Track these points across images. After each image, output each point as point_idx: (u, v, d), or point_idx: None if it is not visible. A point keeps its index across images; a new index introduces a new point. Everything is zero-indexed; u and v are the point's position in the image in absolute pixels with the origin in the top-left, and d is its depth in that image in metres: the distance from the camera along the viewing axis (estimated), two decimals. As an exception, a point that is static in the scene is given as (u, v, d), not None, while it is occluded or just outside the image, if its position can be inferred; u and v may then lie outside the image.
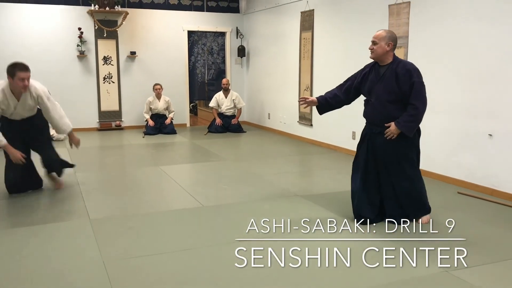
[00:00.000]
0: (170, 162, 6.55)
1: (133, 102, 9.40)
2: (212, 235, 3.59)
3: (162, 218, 4.02)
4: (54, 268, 3.00)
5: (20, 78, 4.23)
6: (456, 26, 4.98)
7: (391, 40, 3.60)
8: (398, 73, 3.55)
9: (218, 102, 9.16)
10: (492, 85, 4.61)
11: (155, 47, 9.49)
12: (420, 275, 2.84)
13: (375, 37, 3.63)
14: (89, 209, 4.21)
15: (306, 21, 7.70)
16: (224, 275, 2.91)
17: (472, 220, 3.92)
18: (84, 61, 9.07)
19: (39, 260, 3.14)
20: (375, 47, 3.63)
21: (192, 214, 4.13)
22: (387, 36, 3.60)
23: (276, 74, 8.93)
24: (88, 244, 3.38)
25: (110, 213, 4.21)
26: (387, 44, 3.59)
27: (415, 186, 3.69)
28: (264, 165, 6.17)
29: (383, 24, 5.94)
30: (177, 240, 3.48)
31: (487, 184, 4.70)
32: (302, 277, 2.81)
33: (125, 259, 3.13)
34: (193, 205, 4.38)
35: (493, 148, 4.64)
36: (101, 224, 3.83)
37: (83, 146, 7.53)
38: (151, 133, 8.67)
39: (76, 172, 5.62)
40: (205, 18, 9.86)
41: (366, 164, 3.74)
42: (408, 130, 3.53)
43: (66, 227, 3.77)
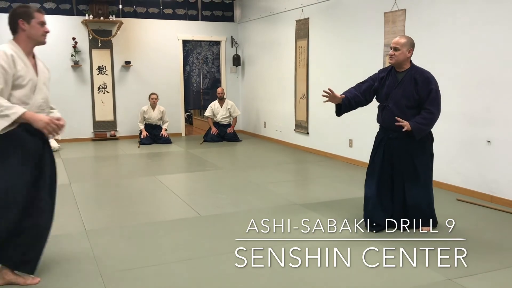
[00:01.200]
0: (166, 171, 6.49)
1: (128, 112, 9.35)
2: (210, 245, 3.53)
3: (159, 228, 3.97)
4: (51, 281, 2.94)
5: (40, 22, 2.97)
6: (452, 32, 4.99)
7: (412, 46, 3.66)
8: (417, 79, 3.60)
9: (214, 111, 9.13)
10: (490, 91, 4.61)
11: (150, 56, 9.47)
12: (422, 283, 2.80)
13: (396, 44, 3.63)
14: (84, 220, 4.15)
15: (302, 29, 7.71)
16: (224, 285, 2.86)
17: (472, 227, 3.89)
18: (79, 71, 9.03)
19: (36, 272, 3.07)
20: (396, 53, 3.63)
21: (189, 224, 4.08)
22: (409, 42, 3.64)
23: (271, 82, 8.92)
24: (85, 256, 3.32)
25: (106, 224, 4.15)
26: (408, 51, 3.63)
27: (426, 196, 3.70)
28: (261, 174, 6.13)
29: (378, 31, 5.95)
30: (175, 251, 3.43)
31: (486, 190, 4.68)
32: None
33: (123, 271, 3.07)
34: (191, 215, 4.33)
35: (491, 155, 4.63)
36: (98, 236, 3.76)
37: (78, 156, 7.52)
38: (146, 143, 8.61)
39: (71, 183, 5.55)
40: (200, 27, 9.86)
41: (382, 169, 3.72)
42: (418, 131, 3.54)
43: (61, 239, 3.70)
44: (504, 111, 4.49)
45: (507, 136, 4.47)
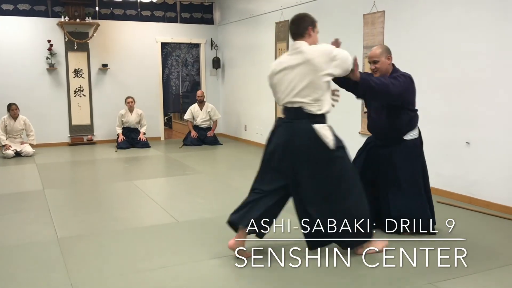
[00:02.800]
0: (143, 176, 6.36)
1: (105, 116, 9.16)
2: (188, 251, 3.43)
3: (135, 235, 3.84)
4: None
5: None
6: (431, 34, 4.99)
7: (388, 52, 3.60)
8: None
9: (193, 115, 9.01)
10: (469, 92, 4.61)
11: (127, 59, 9.31)
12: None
13: (374, 57, 3.57)
14: (57, 227, 4.00)
15: (281, 31, 7.66)
16: None
17: (454, 230, 3.87)
18: (54, 74, 8.82)
19: (1, 282, 2.93)
20: (377, 65, 3.57)
21: (166, 230, 3.96)
22: (384, 50, 3.59)
23: (252, 85, 8.84)
24: (55, 265, 3.17)
25: (79, 231, 4.00)
26: (387, 58, 3.58)
27: (413, 207, 3.52)
28: (242, 177, 6.04)
29: (358, 34, 5.93)
30: (152, 258, 3.31)
31: (466, 192, 4.67)
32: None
33: (95, 280, 2.95)
34: (168, 220, 4.21)
35: (470, 156, 4.62)
36: (70, 243, 3.62)
37: (53, 161, 7.34)
38: (124, 147, 8.45)
39: (45, 189, 5.38)
40: (178, 30, 9.74)
41: (362, 172, 3.57)
42: (364, 82, 3.24)
43: (32, 247, 3.55)
44: (483, 112, 4.49)
45: (485, 137, 4.47)
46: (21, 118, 7.88)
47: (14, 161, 7.35)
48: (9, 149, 7.59)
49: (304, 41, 3.15)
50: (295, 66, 3.06)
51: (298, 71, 3.05)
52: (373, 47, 3.70)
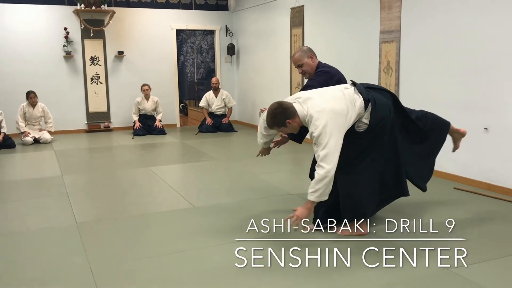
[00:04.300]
0: (160, 162, 6.41)
1: (121, 103, 9.24)
2: (204, 236, 3.47)
3: (151, 220, 3.89)
4: (38, 274, 2.87)
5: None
6: (449, 18, 4.90)
7: (310, 52, 3.66)
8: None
9: (208, 102, 9.03)
10: (487, 77, 4.53)
11: (143, 46, 9.34)
12: (421, 273, 2.75)
13: (296, 61, 3.66)
14: (75, 212, 4.07)
15: (296, 17, 7.60)
16: (218, 277, 2.80)
17: (470, 216, 3.84)
18: (71, 62, 8.90)
19: (23, 265, 3.00)
20: (304, 68, 3.66)
21: (182, 216, 4.00)
22: (304, 52, 3.65)
23: (266, 72, 8.81)
24: (75, 250, 3.24)
25: (98, 216, 4.07)
26: (309, 57, 3.64)
27: (347, 186, 3.28)
28: (256, 164, 6.05)
29: (374, 18, 5.86)
30: (168, 243, 3.35)
31: (483, 178, 4.62)
32: (302, 277, 2.74)
33: (114, 264, 3.00)
34: (184, 206, 4.25)
35: (488, 142, 4.56)
36: (89, 228, 3.69)
37: (71, 148, 7.43)
38: (140, 134, 8.52)
39: (63, 175, 5.47)
40: (193, 16, 9.72)
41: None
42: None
43: (52, 232, 3.62)
44: (502, 98, 4.41)
45: (504, 123, 4.40)
46: (40, 105, 7.99)
47: (33, 148, 7.47)
48: (28, 136, 7.72)
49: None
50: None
51: None
52: (295, 54, 3.73)
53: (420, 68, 5.29)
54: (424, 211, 3.89)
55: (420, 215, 3.74)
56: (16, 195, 4.76)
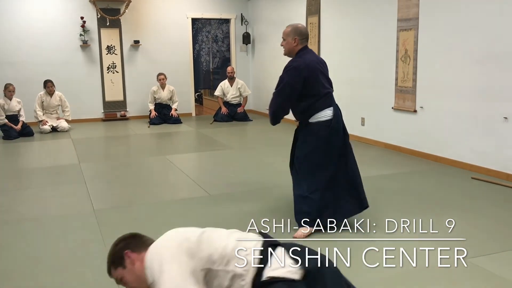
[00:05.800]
0: (175, 151, 6.45)
1: (138, 92, 9.29)
2: (219, 224, 3.48)
3: (167, 207, 3.93)
4: (58, 260, 2.92)
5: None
6: (468, 6, 4.81)
7: (297, 35, 3.42)
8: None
9: (224, 91, 9.03)
10: (507, 66, 4.45)
11: (159, 35, 9.36)
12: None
13: (283, 34, 3.50)
14: (93, 199, 4.12)
15: (312, 5, 7.53)
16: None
17: (488, 207, 3.80)
18: (87, 51, 8.96)
19: (42, 251, 3.06)
20: (283, 43, 3.51)
21: (198, 203, 4.03)
22: (293, 31, 3.43)
23: (282, 61, 8.74)
24: (93, 236, 3.29)
25: (115, 203, 4.12)
26: (293, 39, 3.43)
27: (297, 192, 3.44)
28: (271, 153, 6.06)
29: (392, 6, 5.78)
30: (184, 230, 3.38)
31: (502, 168, 4.56)
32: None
33: (130, 250, 3.04)
34: (200, 194, 4.28)
35: (508, 131, 4.49)
36: (106, 215, 3.74)
37: (88, 136, 7.52)
38: (156, 123, 8.57)
39: (81, 163, 5.54)
40: (209, 5, 9.70)
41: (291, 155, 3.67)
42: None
43: (70, 218, 3.68)
44: (522, 87, 4.33)
45: (525, 113, 4.32)
46: (57, 94, 8.08)
47: (51, 136, 7.56)
48: (46, 125, 7.82)
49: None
50: None
51: None
52: (287, 26, 3.55)
53: (439, 56, 5.21)
54: (436, 206, 3.85)
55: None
56: (35, 182, 4.84)
